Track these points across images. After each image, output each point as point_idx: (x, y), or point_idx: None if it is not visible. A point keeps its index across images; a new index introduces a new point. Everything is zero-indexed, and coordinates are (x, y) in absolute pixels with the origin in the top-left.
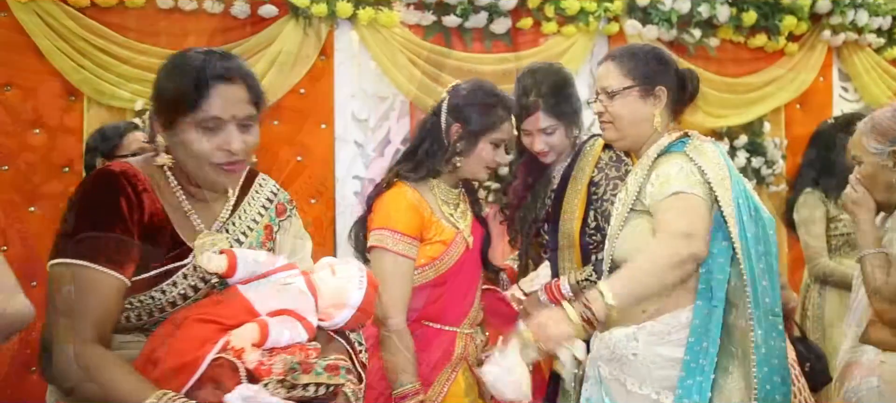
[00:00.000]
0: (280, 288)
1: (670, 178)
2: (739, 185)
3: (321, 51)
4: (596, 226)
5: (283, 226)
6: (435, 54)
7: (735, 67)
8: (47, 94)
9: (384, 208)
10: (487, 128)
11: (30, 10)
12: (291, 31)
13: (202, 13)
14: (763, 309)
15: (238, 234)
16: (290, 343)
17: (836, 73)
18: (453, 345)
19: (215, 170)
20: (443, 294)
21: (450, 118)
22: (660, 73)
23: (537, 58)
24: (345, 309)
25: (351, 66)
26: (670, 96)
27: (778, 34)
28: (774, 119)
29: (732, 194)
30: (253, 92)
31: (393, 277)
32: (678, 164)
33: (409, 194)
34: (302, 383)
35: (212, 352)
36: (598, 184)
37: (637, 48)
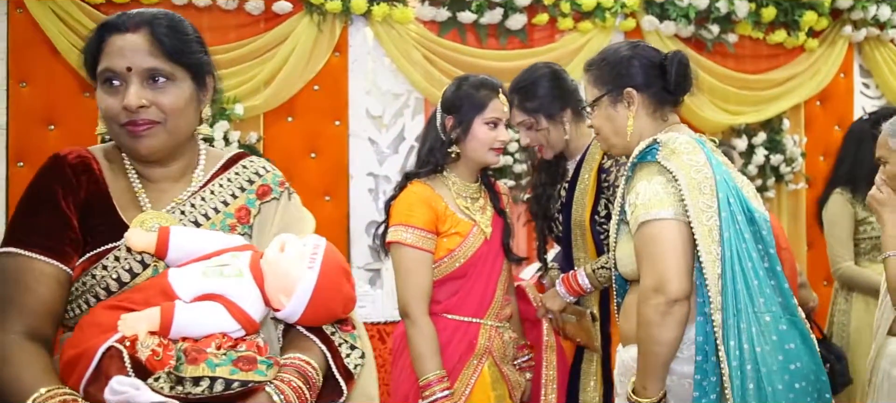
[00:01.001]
0: (210, 270)
1: (636, 205)
2: (727, 185)
3: (335, 47)
4: (606, 214)
5: (265, 210)
6: (450, 51)
7: (754, 64)
8: (63, 91)
9: (398, 206)
10: (476, 109)
11: (45, 7)
12: (306, 27)
13: (216, 9)
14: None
15: (197, 216)
16: (214, 332)
17: (857, 70)
18: (477, 337)
19: (123, 134)
20: (463, 286)
21: (443, 113)
22: (625, 75)
23: (553, 54)
24: (293, 295)
25: (365, 63)
26: (647, 94)
27: (798, 30)
28: (794, 116)
29: (720, 196)
30: (162, 43)
31: (409, 270)
32: (645, 183)
33: (420, 190)
34: (188, 376)
35: (108, 342)
36: (609, 170)
37: (608, 52)
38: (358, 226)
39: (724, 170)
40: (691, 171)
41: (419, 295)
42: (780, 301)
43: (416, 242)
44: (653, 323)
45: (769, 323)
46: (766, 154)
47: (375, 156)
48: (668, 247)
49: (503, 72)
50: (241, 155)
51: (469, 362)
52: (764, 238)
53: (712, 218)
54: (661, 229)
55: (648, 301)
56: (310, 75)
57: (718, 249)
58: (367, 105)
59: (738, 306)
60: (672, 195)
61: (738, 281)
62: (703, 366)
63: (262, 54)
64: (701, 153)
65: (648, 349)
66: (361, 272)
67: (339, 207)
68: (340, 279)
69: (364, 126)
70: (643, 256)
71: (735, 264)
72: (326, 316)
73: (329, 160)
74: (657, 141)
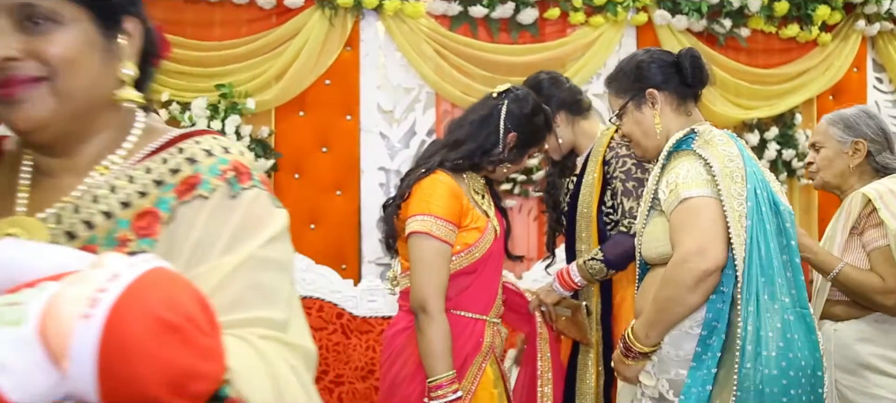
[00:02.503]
0: None
1: (678, 185)
2: (756, 176)
3: (347, 42)
4: (611, 205)
5: (183, 214)
6: (461, 45)
7: (766, 58)
8: None
9: (425, 194)
10: (537, 143)
11: None
12: (317, 21)
13: (228, 3)
14: (782, 303)
15: (77, 224)
16: None
17: (870, 64)
18: (483, 335)
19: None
20: (473, 282)
21: (508, 125)
22: (644, 78)
23: (564, 49)
24: (69, 359)
25: (376, 57)
26: (668, 91)
27: (811, 24)
28: (806, 111)
29: (748, 186)
30: None
31: (433, 264)
32: (685, 165)
33: (449, 181)
34: None
35: None
36: (609, 162)
37: (623, 63)
38: (369, 221)
39: (754, 163)
40: (725, 160)
41: (440, 290)
42: (793, 293)
43: (442, 235)
44: (684, 285)
45: (777, 311)
46: (779, 148)
47: (386, 150)
48: (710, 219)
49: (514, 67)
50: (191, 134)
51: (475, 360)
52: (787, 230)
53: (742, 205)
54: (704, 204)
55: (687, 263)
56: (321, 70)
57: (745, 235)
58: (378, 99)
59: (750, 289)
60: (710, 181)
61: (754, 266)
62: (706, 341)
63: (274, 49)
64: (734, 145)
65: (668, 307)
66: (372, 266)
67: (351, 201)
68: (152, 338)
69: (375, 120)
70: (684, 225)
71: (754, 251)
72: (139, 397)
73: (340, 154)
74: (694, 131)
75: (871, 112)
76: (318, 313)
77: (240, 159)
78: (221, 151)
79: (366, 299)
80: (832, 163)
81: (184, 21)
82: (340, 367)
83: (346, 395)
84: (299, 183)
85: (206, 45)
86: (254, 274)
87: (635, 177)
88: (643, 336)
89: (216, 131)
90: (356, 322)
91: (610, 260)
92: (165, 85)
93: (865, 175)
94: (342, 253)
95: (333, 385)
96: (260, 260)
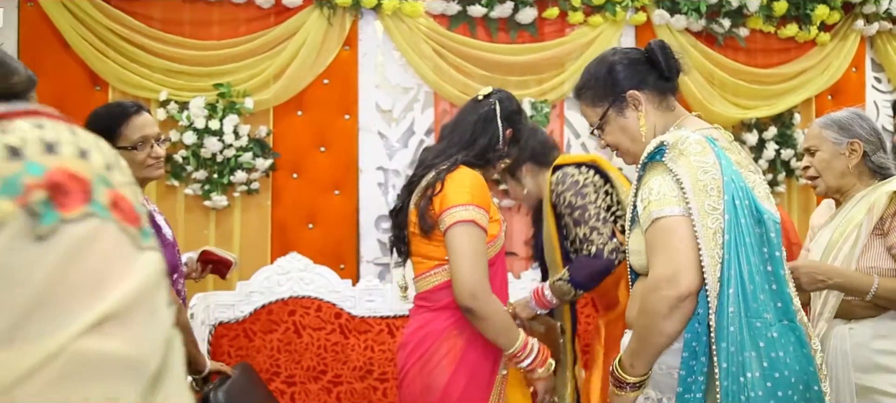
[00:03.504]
0: None
1: (650, 201)
2: (735, 185)
3: (345, 41)
4: (566, 236)
5: None
6: (460, 45)
7: (765, 58)
8: (72, 84)
9: (463, 184)
10: (523, 136)
11: (56, 1)
12: (315, 20)
13: (226, 3)
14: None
15: None
16: None
17: (869, 64)
18: None
19: None
20: (494, 275)
21: (505, 123)
22: (620, 81)
23: (563, 48)
24: None
25: (375, 57)
26: (647, 89)
27: (810, 24)
28: (805, 110)
29: (726, 197)
30: None
31: (478, 252)
32: (657, 180)
33: (476, 174)
34: None
35: None
36: (555, 204)
37: (589, 72)
38: (367, 220)
39: (734, 171)
40: (698, 173)
41: (487, 276)
42: (778, 306)
43: (485, 224)
44: (659, 313)
45: (759, 329)
46: (777, 148)
47: (385, 150)
48: (682, 242)
49: (513, 67)
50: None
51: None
52: (770, 240)
53: (717, 220)
54: (676, 224)
55: (659, 290)
56: (319, 69)
57: (721, 252)
58: (376, 99)
59: (730, 309)
60: (679, 196)
61: (732, 284)
62: (689, 363)
63: (272, 48)
64: (710, 153)
65: (647, 337)
66: (371, 266)
67: (349, 201)
68: None
69: (374, 120)
70: (656, 249)
71: (732, 267)
72: None
73: (338, 154)
74: (664, 143)
75: (861, 113)
76: (317, 313)
77: (70, 166)
78: (39, 151)
79: (364, 299)
80: (830, 165)
81: (182, 20)
82: (339, 367)
83: (344, 395)
84: (297, 182)
85: (205, 45)
86: (62, 389)
87: (578, 205)
88: (628, 367)
89: (52, 114)
90: (354, 322)
91: (575, 281)
92: (163, 84)
93: (864, 175)
94: (340, 253)
95: (332, 385)
96: (78, 360)
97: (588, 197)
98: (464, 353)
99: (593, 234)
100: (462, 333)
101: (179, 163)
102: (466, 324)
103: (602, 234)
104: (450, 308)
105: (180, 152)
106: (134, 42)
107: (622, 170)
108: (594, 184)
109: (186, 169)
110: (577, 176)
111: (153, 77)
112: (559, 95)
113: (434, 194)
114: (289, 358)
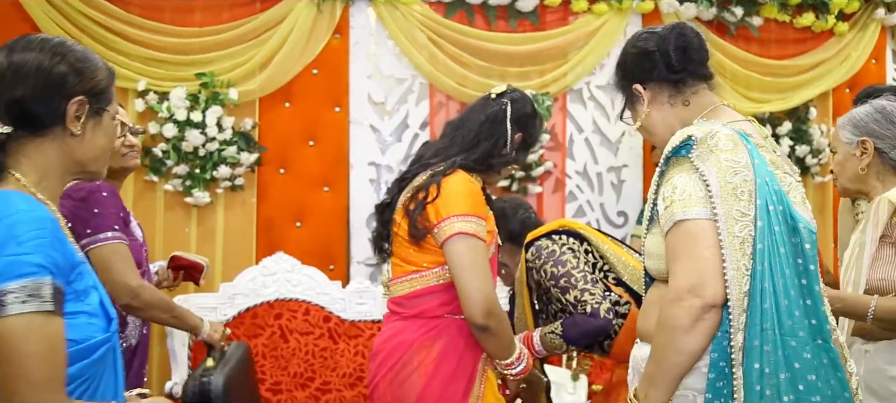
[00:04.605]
0: None
1: (673, 201)
2: (769, 188)
3: (335, 29)
4: (542, 309)
5: None
6: (457, 33)
7: (779, 49)
8: None
9: (461, 193)
10: (536, 142)
11: None
12: (304, 7)
13: None
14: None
15: None
16: None
17: (889, 55)
18: None
19: None
20: None
21: (514, 126)
22: (629, 73)
23: (566, 38)
24: None
25: (367, 46)
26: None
27: (827, 13)
28: (821, 104)
29: (759, 202)
30: None
31: (485, 266)
32: (682, 178)
33: (473, 181)
34: None
35: None
36: (538, 282)
37: (620, 57)
38: (358, 219)
39: (768, 172)
40: (727, 174)
41: (495, 290)
42: (812, 323)
43: (483, 235)
44: (680, 327)
45: (794, 348)
46: (792, 144)
47: (377, 144)
48: (708, 247)
49: (513, 57)
50: None
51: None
52: (805, 252)
53: (747, 227)
54: (702, 228)
55: (681, 301)
56: (308, 58)
57: (749, 263)
58: (368, 90)
59: (764, 325)
60: (706, 197)
61: (767, 299)
62: (715, 385)
63: (258, 36)
64: (743, 151)
65: (666, 355)
66: (362, 267)
67: (339, 198)
68: None
69: (365, 112)
70: (679, 254)
71: (765, 280)
72: None
73: (328, 148)
74: (692, 136)
75: (883, 107)
76: (304, 316)
77: None
78: None
79: (355, 301)
80: (844, 167)
81: (162, 6)
82: (327, 374)
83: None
84: (285, 178)
85: (186, 31)
86: None
87: (561, 274)
88: (643, 397)
89: None
90: (344, 326)
91: (568, 337)
92: (142, 73)
93: (885, 175)
94: (330, 253)
95: (320, 393)
96: None
97: (569, 262)
98: (437, 366)
99: (585, 295)
100: (434, 345)
101: (159, 157)
102: (439, 335)
103: (594, 294)
104: (422, 317)
105: (160, 145)
106: (111, 28)
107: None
108: (571, 248)
109: (166, 163)
110: (552, 246)
111: (131, 65)
112: (561, 88)
113: (428, 200)
114: (274, 365)
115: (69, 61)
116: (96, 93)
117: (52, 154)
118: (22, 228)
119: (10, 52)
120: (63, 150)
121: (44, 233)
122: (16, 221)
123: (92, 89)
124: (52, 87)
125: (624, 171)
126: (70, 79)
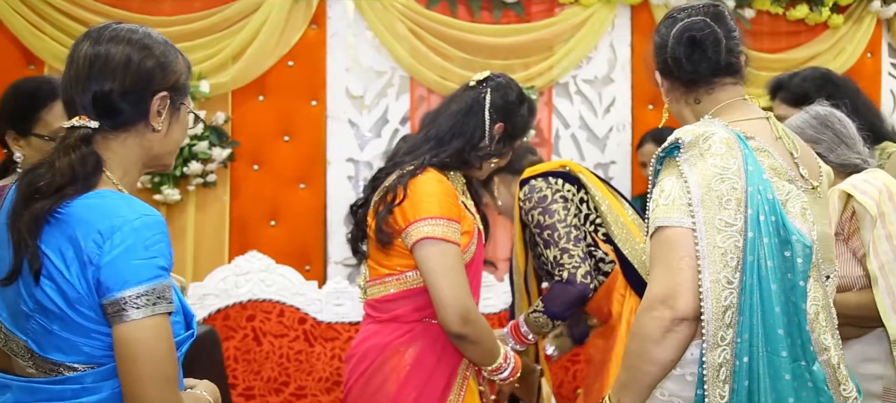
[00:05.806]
0: None
1: (657, 205)
2: (762, 196)
3: (312, 19)
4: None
5: None
6: (438, 25)
7: (773, 42)
8: (3, 62)
9: (429, 194)
10: (524, 132)
11: None
12: None
13: None
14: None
15: None
16: None
17: (885, 48)
18: None
19: None
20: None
21: (493, 115)
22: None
23: (552, 30)
24: None
25: (345, 37)
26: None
27: (821, 5)
28: None
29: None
30: None
31: (457, 269)
32: (669, 182)
33: (443, 180)
34: None
35: None
36: (525, 222)
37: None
38: (336, 217)
39: (762, 179)
40: (713, 182)
41: (470, 294)
42: (797, 343)
43: (455, 238)
44: (650, 338)
45: (778, 368)
46: None
47: (356, 139)
48: (684, 260)
49: (497, 50)
50: None
51: (459, 370)
52: (795, 267)
53: (732, 238)
54: (681, 236)
55: (651, 311)
56: (283, 50)
57: (734, 275)
58: (346, 83)
59: (752, 343)
60: (688, 204)
61: (755, 315)
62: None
63: (231, 25)
64: (736, 157)
65: (636, 365)
66: (339, 267)
67: (315, 196)
68: None
69: (343, 106)
70: (656, 262)
71: (754, 294)
72: None
73: (304, 144)
74: (679, 139)
75: (817, 112)
76: (279, 318)
77: None
78: None
79: (331, 303)
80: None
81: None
82: (302, 378)
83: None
84: (258, 175)
85: (155, 21)
86: None
87: (546, 224)
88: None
89: None
90: (321, 328)
91: (551, 312)
92: None
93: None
94: (306, 253)
95: (295, 398)
96: None
97: (556, 213)
98: (410, 372)
99: (564, 257)
100: (408, 349)
101: None
102: (414, 340)
103: (573, 256)
104: (397, 321)
105: None
106: (74, 16)
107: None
108: (564, 196)
109: None
110: (545, 190)
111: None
112: (547, 81)
113: (395, 203)
114: (247, 369)
115: (155, 55)
116: (177, 88)
117: (135, 148)
118: (147, 233)
119: (95, 43)
120: (143, 145)
121: (164, 237)
122: (143, 225)
123: (174, 84)
124: (140, 83)
125: (611, 168)
126: (157, 74)
